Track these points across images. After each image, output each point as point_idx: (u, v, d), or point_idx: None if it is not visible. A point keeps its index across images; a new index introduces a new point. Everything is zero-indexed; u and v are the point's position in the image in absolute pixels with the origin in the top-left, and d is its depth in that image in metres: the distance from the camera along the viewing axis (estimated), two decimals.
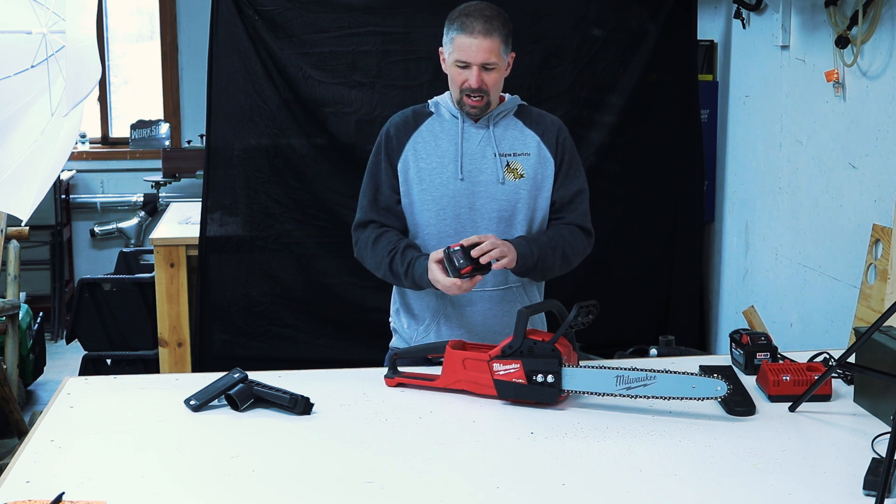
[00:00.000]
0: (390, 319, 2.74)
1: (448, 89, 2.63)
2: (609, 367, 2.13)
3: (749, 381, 2.30)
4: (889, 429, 1.91)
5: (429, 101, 2.64)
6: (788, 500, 1.72)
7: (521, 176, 2.55)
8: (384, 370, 2.35)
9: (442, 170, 2.54)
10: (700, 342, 4.54)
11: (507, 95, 2.62)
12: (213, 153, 4.03)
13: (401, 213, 2.59)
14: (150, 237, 4.30)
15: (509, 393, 2.16)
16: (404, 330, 2.66)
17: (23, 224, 3.79)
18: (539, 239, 2.53)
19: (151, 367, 4.50)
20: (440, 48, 2.58)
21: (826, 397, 2.20)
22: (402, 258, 2.50)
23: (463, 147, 2.55)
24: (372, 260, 2.57)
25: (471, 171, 2.54)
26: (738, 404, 2.13)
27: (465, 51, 2.46)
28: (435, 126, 2.59)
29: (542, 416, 2.11)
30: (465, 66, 2.48)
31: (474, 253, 2.37)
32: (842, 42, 3.31)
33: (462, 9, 2.51)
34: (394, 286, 2.68)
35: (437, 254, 2.41)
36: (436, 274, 2.39)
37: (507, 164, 2.55)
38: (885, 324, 2.04)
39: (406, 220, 2.59)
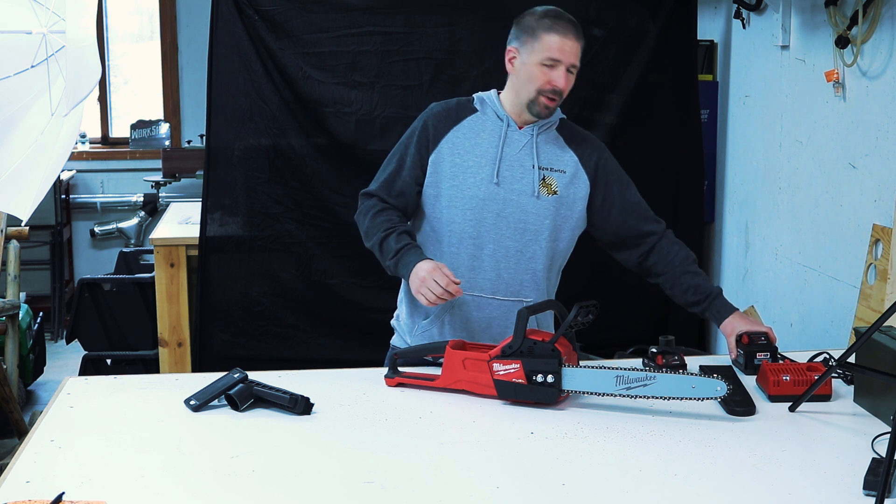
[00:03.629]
0: (394, 315, 2.73)
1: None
2: (609, 367, 2.14)
3: (749, 381, 2.30)
4: (889, 429, 1.91)
5: (474, 95, 2.59)
6: (788, 500, 1.72)
7: (554, 193, 2.51)
8: (384, 370, 2.35)
9: (478, 170, 2.50)
10: (700, 342, 4.54)
11: None
12: (213, 153, 4.03)
13: (413, 201, 2.56)
14: (150, 237, 4.30)
15: (509, 393, 2.16)
16: (405, 320, 2.64)
17: (23, 224, 3.79)
18: (706, 278, 2.65)
19: (151, 367, 4.50)
20: (510, 47, 2.52)
21: (826, 397, 2.20)
22: (398, 238, 2.48)
23: (503, 151, 2.51)
24: (367, 227, 2.56)
25: (507, 177, 2.50)
26: (738, 404, 2.13)
27: (559, 50, 2.45)
28: (477, 124, 2.54)
29: (542, 416, 2.11)
30: (553, 65, 2.45)
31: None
32: (842, 42, 3.31)
33: (545, 11, 2.50)
34: (403, 281, 2.67)
35: (440, 265, 2.38)
36: (441, 270, 2.37)
37: (543, 178, 2.51)
38: (885, 324, 2.05)
39: (417, 208, 2.57)
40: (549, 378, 2.12)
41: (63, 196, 6.27)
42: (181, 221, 4.55)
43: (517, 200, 2.50)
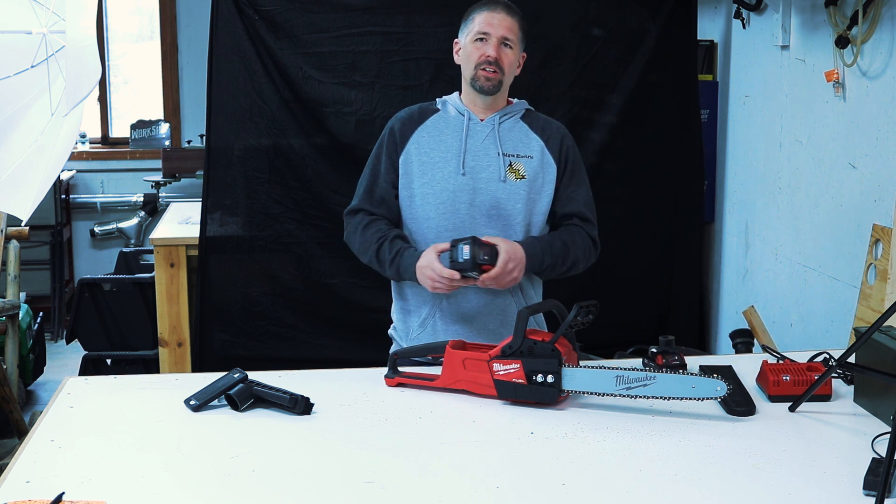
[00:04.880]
0: (391, 327, 2.74)
1: (455, 90, 2.66)
2: (609, 367, 2.13)
3: (749, 381, 2.30)
4: (889, 429, 1.91)
5: (436, 99, 2.67)
6: (788, 500, 1.72)
7: (523, 177, 2.57)
8: (384, 370, 2.35)
9: (444, 164, 2.57)
10: (700, 342, 4.54)
11: (514, 99, 2.66)
12: (213, 153, 4.03)
13: (395, 206, 2.61)
14: (150, 237, 4.30)
15: (509, 393, 2.16)
16: (399, 327, 2.66)
17: (23, 224, 3.79)
18: (554, 244, 2.55)
19: (151, 367, 4.50)
20: (455, 41, 2.64)
21: (826, 397, 2.20)
22: (391, 246, 2.54)
23: (467, 143, 2.57)
24: (360, 244, 2.61)
25: (473, 167, 2.56)
26: (738, 404, 2.13)
27: (486, 24, 2.55)
28: (440, 122, 2.62)
29: (542, 416, 2.11)
30: (484, 38, 2.54)
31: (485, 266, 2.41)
32: (842, 42, 3.31)
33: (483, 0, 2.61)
34: (392, 286, 2.69)
35: (440, 245, 2.44)
36: (433, 263, 2.41)
37: (510, 164, 2.57)
38: (885, 324, 2.04)
39: (400, 214, 2.62)
40: (549, 378, 2.12)
41: (63, 196, 6.27)
42: (181, 221, 4.55)
43: (486, 188, 2.55)
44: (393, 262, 2.52)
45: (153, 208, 6.45)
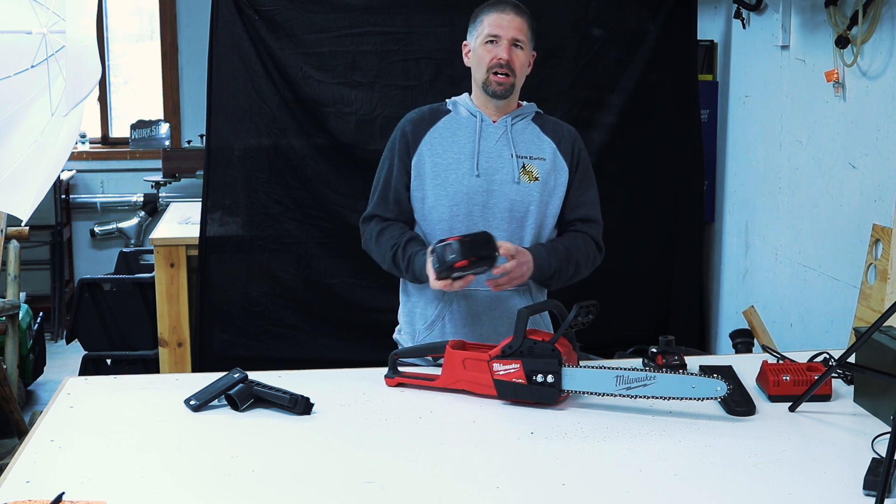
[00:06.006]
0: (395, 330, 2.74)
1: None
2: (609, 367, 2.13)
3: (749, 381, 2.30)
4: (889, 429, 1.91)
5: (446, 100, 2.66)
6: (788, 500, 1.72)
7: (536, 179, 2.56)
8: (384, 370, 2.35)
9: (458, 166, 2.55)
10: (700, 342, 4.54)
11: (523, 102, 2.66)
12: (213, 153, 4.03)
13: (409, 208, 2.60)
14: (150, 237, 4.30)
15: (509, 393, 2.16)
16: (405, 329, 2.66)
17: (23, 224, 3.79)
18: (558, 249, 2.55)
19: (151, 367, 4.50)
20: (464, 43, 2.62)
21: (826, 397, 2.20)
22: (404, 252, 2.52)
23: (480, 144, 2.56)
24: (377, 252, 2.60)
25: (487, 168, 2.55)
26: (738, 404, 2.13)
27: (496, 26, 2.53)
28: (452, 123, 2.60)
29: (542, 416, 2.11)
30: (495, 41, 2.52)
31: (495, 271, 2.37)
32: (842, 42, 3.31)
33: (490, 1, 2.59)
34: (400, 288, 2.69)
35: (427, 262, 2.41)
36: (428, 269, 2.39)
37: (524, 166, 2.56)
38: (885, 324, 2.04)
39: (415, 215, 2.61)
40: (549, 378, 2.12)
41: (63, 196, 6.27)
42: (181, 221, 4.55)
43: (500, 190, 2.54)
44: (408, 269, 2.51)
45: (153, 208, 6.45)
